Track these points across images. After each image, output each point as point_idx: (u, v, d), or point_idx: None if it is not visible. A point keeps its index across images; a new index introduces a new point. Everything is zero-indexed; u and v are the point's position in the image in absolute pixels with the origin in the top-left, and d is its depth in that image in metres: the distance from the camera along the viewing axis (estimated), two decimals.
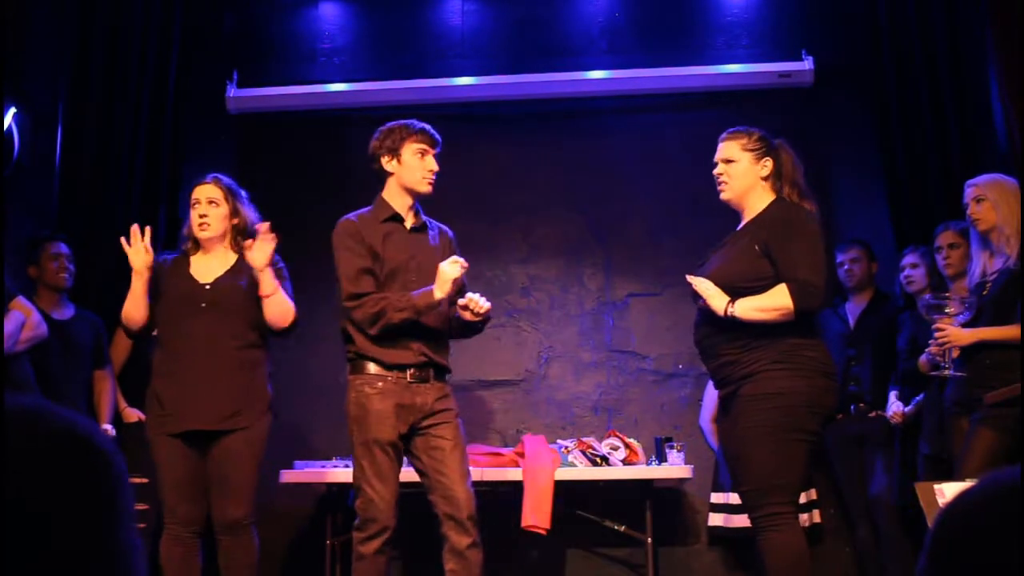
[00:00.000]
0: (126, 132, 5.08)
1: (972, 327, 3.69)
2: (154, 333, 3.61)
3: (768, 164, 3.26)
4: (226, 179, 3.67)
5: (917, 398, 4.37)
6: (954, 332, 3.64)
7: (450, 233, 3.65)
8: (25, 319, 3.90)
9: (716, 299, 3.04)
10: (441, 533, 3.33)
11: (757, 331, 3.05)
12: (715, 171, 3.27)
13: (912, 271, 4.47)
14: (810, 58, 5.22)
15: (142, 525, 3.35)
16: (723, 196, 3.27)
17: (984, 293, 3.75)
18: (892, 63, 5.01)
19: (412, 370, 3.38)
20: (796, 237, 3.10)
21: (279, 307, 3.49)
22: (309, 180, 5.50)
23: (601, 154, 5.41)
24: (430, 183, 3.50)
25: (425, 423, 3.38)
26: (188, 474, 3.43)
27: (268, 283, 3.47)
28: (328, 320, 5.37)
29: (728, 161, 3.25)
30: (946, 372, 3.71)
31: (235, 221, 3.63)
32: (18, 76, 4.72)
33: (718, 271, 3.13)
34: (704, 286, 3.06)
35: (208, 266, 3.61)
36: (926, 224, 4.46)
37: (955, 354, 3.70)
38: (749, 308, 3.03)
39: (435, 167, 3.49)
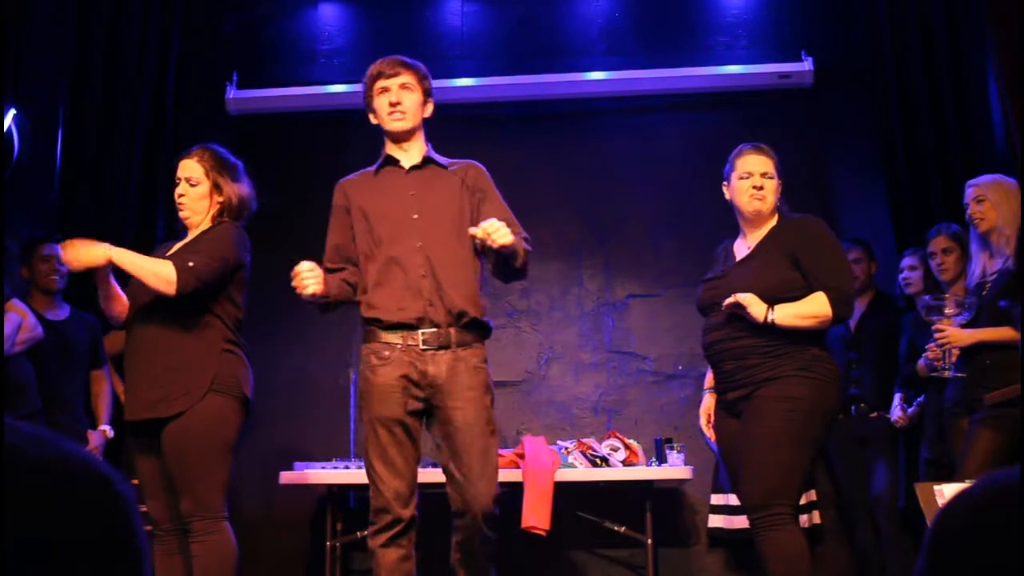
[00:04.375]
0: (126, 132, 5.09)
1: (972, 328, 3.69)
2: None
3: (780, 185, 3.31)
4: (217, 151, 3.37)
5: (919, 399, 4.37)
6: (954, 333, 3.64)
7: (478, 165, 3.23)
8: (21, 321, 3.90)
9: (756, 306, 3.06)
10: (452, 525, 3.03)
11: (785, 338, 3.09)
12: (752, 183, 3.23)
13: (911, 273, 4.47)
14: (810, 59, 5.23)
15: (148, 528, 3.29)
16: (757, 208, 3.24)
17: (984, 293, 3.75)
18: (892, 63, 5.01)
19: (424, 332, 2.98)
20: (826, 247, 3.18)
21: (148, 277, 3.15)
22: (309, 181, 5.50)
23: (601, 155, 5.41)
24: (396, 117, 3.13)
25: (441, 400, 2.97)
26: (145, 468, 3.23)
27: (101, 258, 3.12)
28: (328, 322, 5.37)
29: (768, 176, 3.25)
30: (946, 373, 3.71)
31: (220, 199, 3.32)
32: (18, 77, 4.72)
33: (753, 283, 3.13)
34: (742, 295, 3.07)
35: None
36: (926, 224, 4.46)
37: (955, 355, 3.70)
38: (789, 315, 3.06)
39: (394, 99, 3.12)
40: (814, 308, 3.08)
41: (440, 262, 3.02)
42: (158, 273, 3.12)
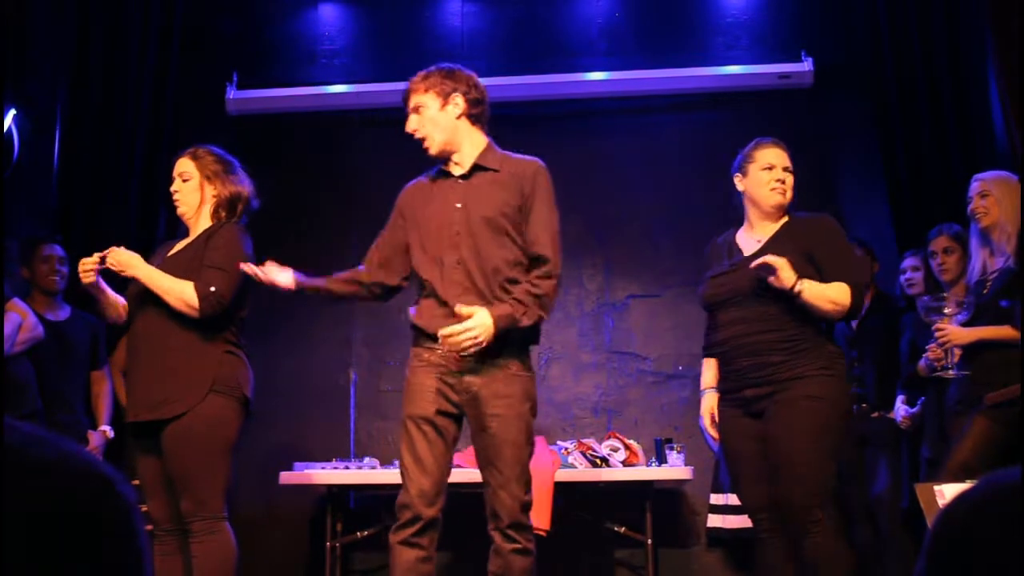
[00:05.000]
0: (126, 133, 5.09)
1: (973, 326, 3.68)
2: None
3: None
4: (209, 148, 3.41)
5: (923, 399, 4.37)
6: (954, 332, 3.63)
7: (539, 163, 3.14)
8: (22, 320, 3.90)
9: (787, 271, 3.01)
10: (488, 531, 3.02)
11: (805, 332, 3.09)
12: (775, 176, 3.23)
13: (913, 274, 4.46)
14: (810, 59, 5.23)
15: (148, 528, 3.30)
16: (779, 202, 3.24)
17: (984, 292, 3.75)
18: (892, 63, 5.01)
19: None
20: (842, 245, 3.20)
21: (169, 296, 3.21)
22: (309, 182, 5.51)
23: (601, 155, 5.41)
24: (424, 146, 3.10)
25: (477, 407, 2.97)
26: (146, 469, 3.24)
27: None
28: (328, 323, 5.38)
29: (788, 170, 3.26)
30: (949, 373, 3.70)
31: (214, 193, 3.35)
32: (18, 77, 4.72)
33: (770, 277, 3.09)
34: (774, 257, 3.02)
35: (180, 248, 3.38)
36: (926, 224, 4.46)
37: (957, 354, 3.69)
38: (815, 293, 3.04)
39: (414, 127, 3.10)
40: (837, 294, 3.07)
41: (479, 278, 3.00)
42: (181, 297, 3.16)
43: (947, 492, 2.97)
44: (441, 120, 3.09)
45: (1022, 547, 0.75)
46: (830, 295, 3.06)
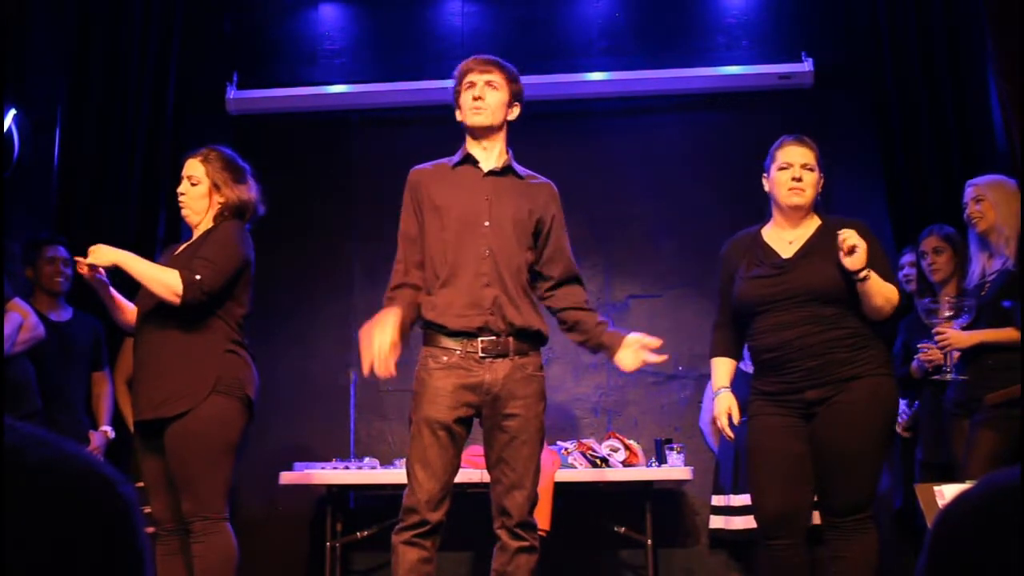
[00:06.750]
0: (126, 133, 5.09)
1: (972, 329, 3.68)
2: None
3: (822, 181, 3.25)
4: (223, 153, 3.39)
5: (917, 402, 4.37)
6: (954, 335, 3.62)
7: (554, 187, 3.20)
8: (23, 320, 3.89)
9: (863, 254, 2.96)
10: (493, 529, 3.04)
11: (864, 329, 3.07)
12: (791, 174, 3.15)
13: (911, 270, 4.47)
14: (810, 60, 5.23)
15: (150, 529, 3.30)
16: (796, 202, 3.16)
17: (983, 294, 3.75)
18: (892, 63, 5.01)
19: (483, 340, 2.97)
20: (881, 250, 3.15)
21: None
22: (309, 182, 5.51)
23: (601, 155, 5.41)
24: (476, 110, 3.06)
25: (494, 406, 2.99)
26: (149, 470, 3.25)
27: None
28: (328, 323, 5.38)
29: (808, 168, 3.18)
30: (948, 376, 3.69)
31: (220, 200, 3.34)
32: (18, 77, 4.72)
33: (828, 279, 3.05)
34: (855, 234, 2.97)
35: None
36: (926, 225, 4.46)
37: (955, 357, 3.68)
38: (877, 284, 3.00)
39: (480, 94, 3.06)
40: (892, 293, 3.05)
41: (505, 272, 3.02)
42: (164, 283, 3.14)
43: (947, 492, 2.97)
44: (499, 112, 3.12)
45: (1022, 547, 0.75)
46: (885, 292, 3.03)
